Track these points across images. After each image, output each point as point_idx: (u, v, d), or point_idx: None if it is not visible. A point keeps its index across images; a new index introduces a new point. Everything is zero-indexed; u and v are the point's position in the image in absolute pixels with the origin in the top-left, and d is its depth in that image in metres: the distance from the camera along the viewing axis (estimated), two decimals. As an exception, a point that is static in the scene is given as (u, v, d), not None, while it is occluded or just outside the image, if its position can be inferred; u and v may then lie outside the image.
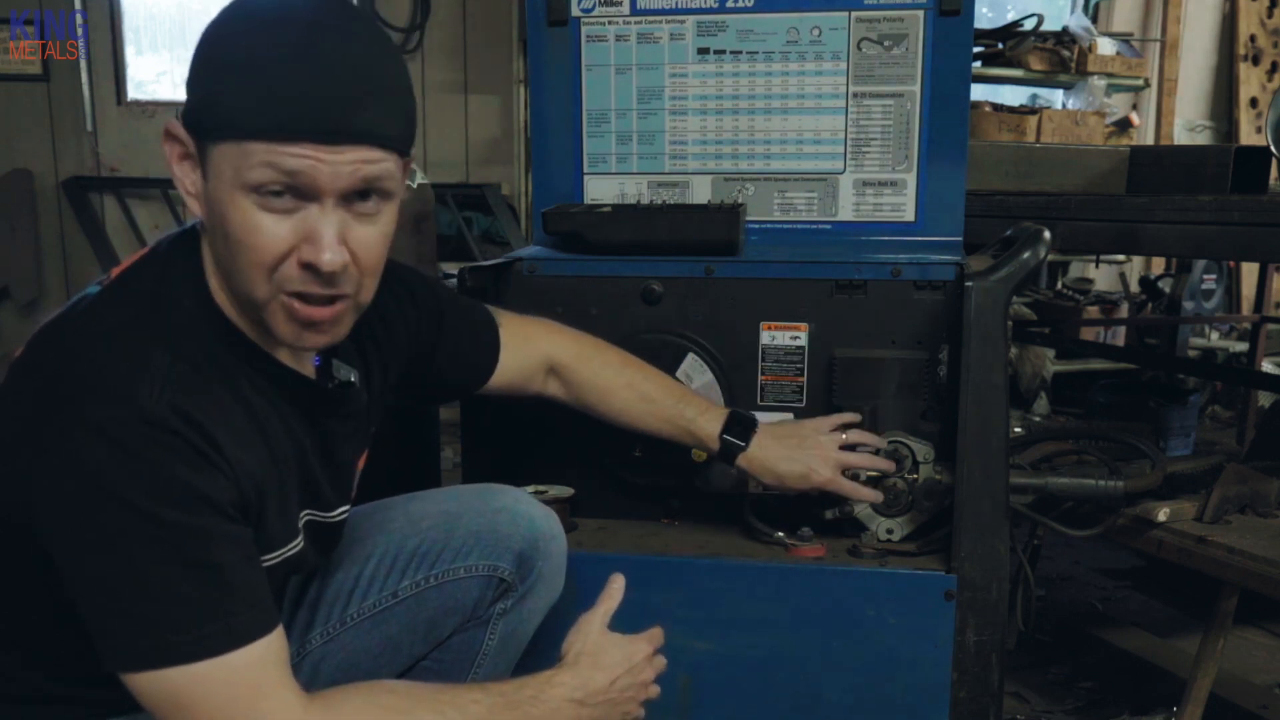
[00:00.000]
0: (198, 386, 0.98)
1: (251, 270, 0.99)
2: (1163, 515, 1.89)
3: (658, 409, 1.50)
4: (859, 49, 1.67)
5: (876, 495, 1.56)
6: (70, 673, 1.07)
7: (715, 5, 1.69)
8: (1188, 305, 4.30)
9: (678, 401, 1.51)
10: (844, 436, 1.54)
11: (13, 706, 1.08)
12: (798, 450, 1.50)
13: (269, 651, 0.99)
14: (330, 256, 0.98)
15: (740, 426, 1.50)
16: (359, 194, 0.99)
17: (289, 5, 0.98)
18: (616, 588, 1.26)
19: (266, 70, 0.94)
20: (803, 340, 1.64)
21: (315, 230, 0.97)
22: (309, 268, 0.98)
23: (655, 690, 1.24)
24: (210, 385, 1.00)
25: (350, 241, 1.00)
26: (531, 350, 1.48)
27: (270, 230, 0.97)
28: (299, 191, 0.96)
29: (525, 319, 1.53)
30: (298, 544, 1.14)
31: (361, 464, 1.28)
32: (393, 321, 1.29)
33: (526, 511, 1.39)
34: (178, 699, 0.96)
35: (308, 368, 1.15)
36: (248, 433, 1.03)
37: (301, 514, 1.15)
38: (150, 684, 0.96)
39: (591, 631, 1.21)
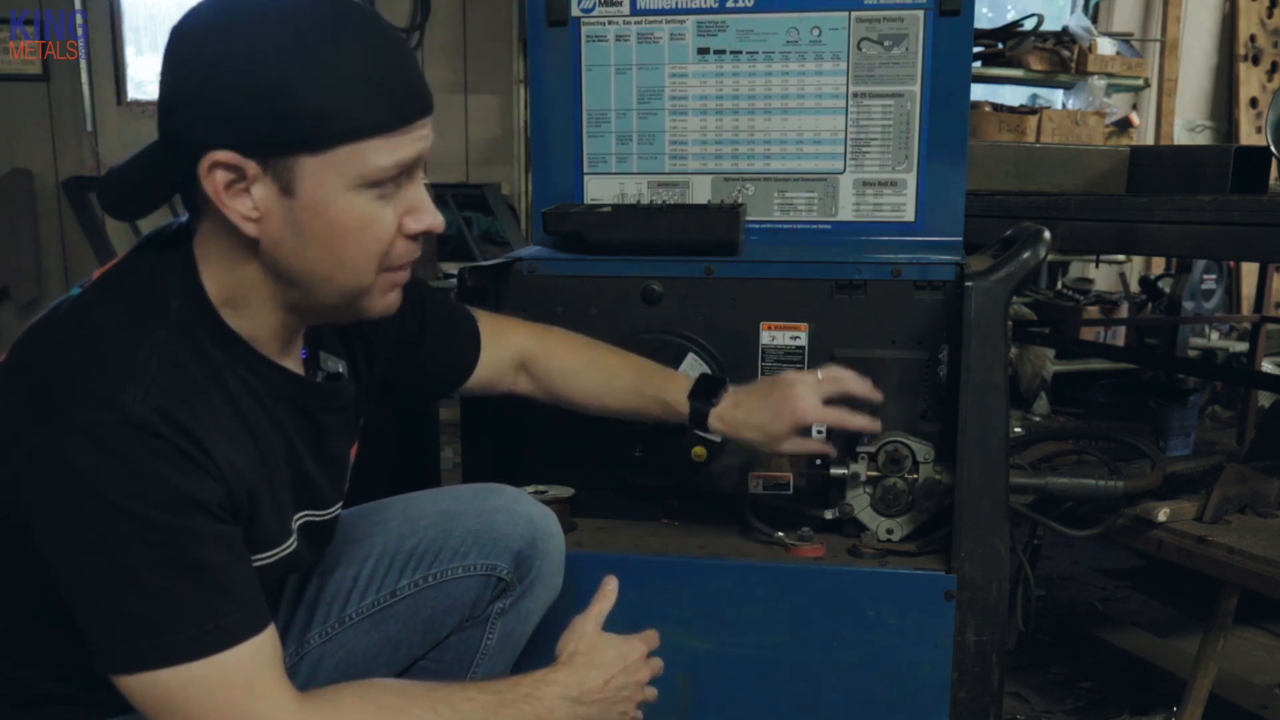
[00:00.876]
0: (184, 388, 0.98)
1: (366, 262, 1.03)
2: (1163, 515, 1.89)
3: (624, 383, 1.48)
4: (859, 49, 1.67)
5: (829, 449, 1.52)
6: (68, 673, 1.06)
7: (715, 5, 1.69)
8: (1188, 305, 4.30)
9: (644, 373, 1.49)
10: (824, 385, 1.45)
11: (11, 707, 1.08)
12: (767, 404, 1.44)
13: (261, 651, 0.99)
14: (439, 219, 1.06)
15: (708, 387, 1.47)
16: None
17: (303, 4, 0.97)
18: (610, 589, 1.26)
19: (366, 70, 0.97)
20: (803, 340, 1.64)
21: (418, 201, 1.04)
22: (415, 237, 1.06)
23: (652, 693, 1.24)
24: (197, 386, 1.00)
25: None
26: (505, 345, 1.48)
27: (384, 217, 1.02)
28: (406, 172, 1.02)
29: (495, 316, 1.52)
30: (291, 543, 1.13)
31: (354, 455, 1.28)
32: None
33: (524, 511, 1.39)
34: (170, 700, 0.96)
35: (296, 363, 1.15)
36: (236, 433, 1.03)
37: (297, 516, 1.15)
38: (142, 685, 0.96)
39: (586, 632, 1.20)
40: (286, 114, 0.95)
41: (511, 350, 1.49)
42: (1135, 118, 4.89)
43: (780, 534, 1.62)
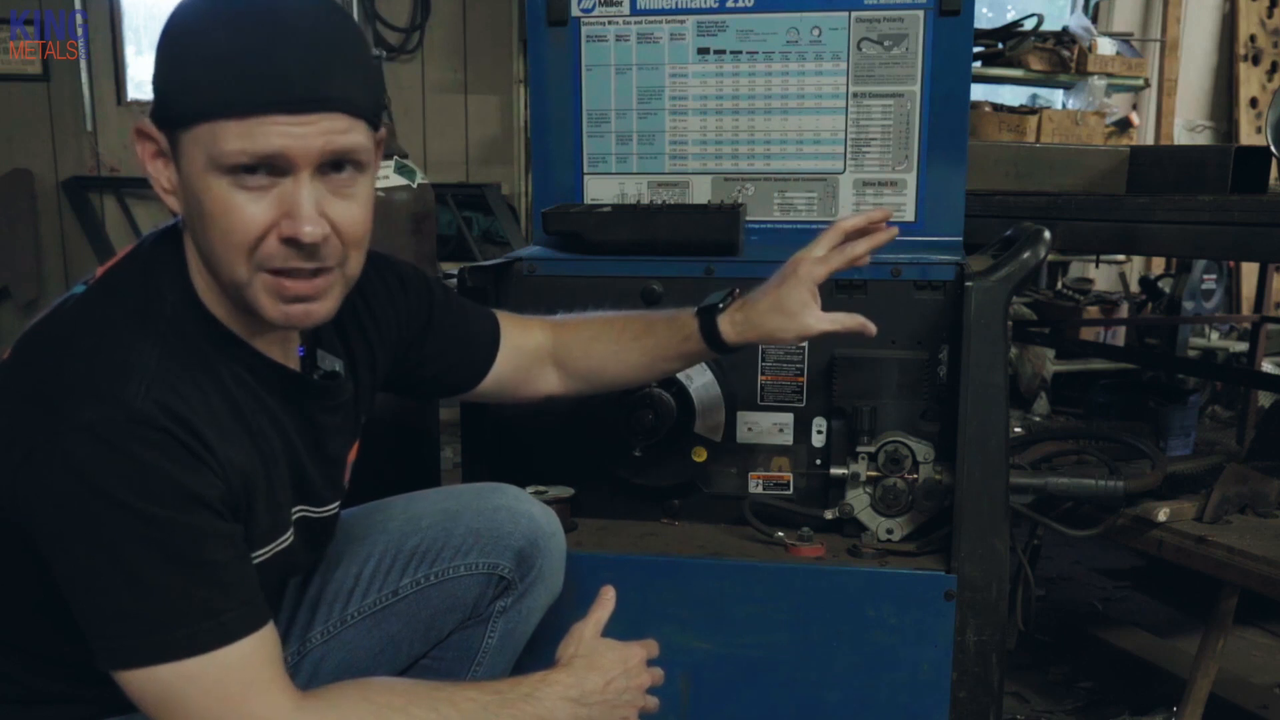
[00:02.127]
0: (184, 383, 0.98)
1: (232, 252, 0.98)
2: (1163, 515, 1.89)
3: (633, 330, 1.41)
4: (859, 49, 1.67)
5: (859, 320, 1.36)
6: (70, 671, 1.07)
7: (715, 5, 1.69)
8: (1188, 305, 4.29)
9: (650, 320, 1.42)
10: (831, 258, 1.34)
11: (13, 707, 1.08)
12: (774, 313, 1.33)
13: (260, 648, 0.99)
14: (310, 228, 0.97)
15: (715, 298, 1.38)
16: (333, 165, 0.99)
17: None
18: (608, 598, 1.26)
19: (227, 50, 0.94)
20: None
21: (293, 203, 0.97)
22: (290, 242, 0.98)
23: (654, 702, 1.23)
24: (196, 382, 1.00)
25: (330, 214, 1.00)
26: (528, 345, 1.44)
27: (247, 209, 0.97)
28: (273, 166, 0.96)
29: (523, 317, 1.49)
30: (287, 538, 1.13)
31: (353, 456, 1.27)
32: (381, 308, 1.28)
33: (526, 510, 1.38)
34: (169, 696, 0.96)
35: (293, 360, 1.15)
36: (234, 429, 1.03)
37: (294, 510, 1.15)
38: (141, 681, 0.96)
39: (585, 637, 1.21)
40: (164, 88, 0.98)
41: (534, 345, 1.45)
42: (1135, 118, 4.89)
43: (780, 534, 1.62)
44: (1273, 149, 2.44)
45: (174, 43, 0.98)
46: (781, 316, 1.33)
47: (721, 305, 1.37)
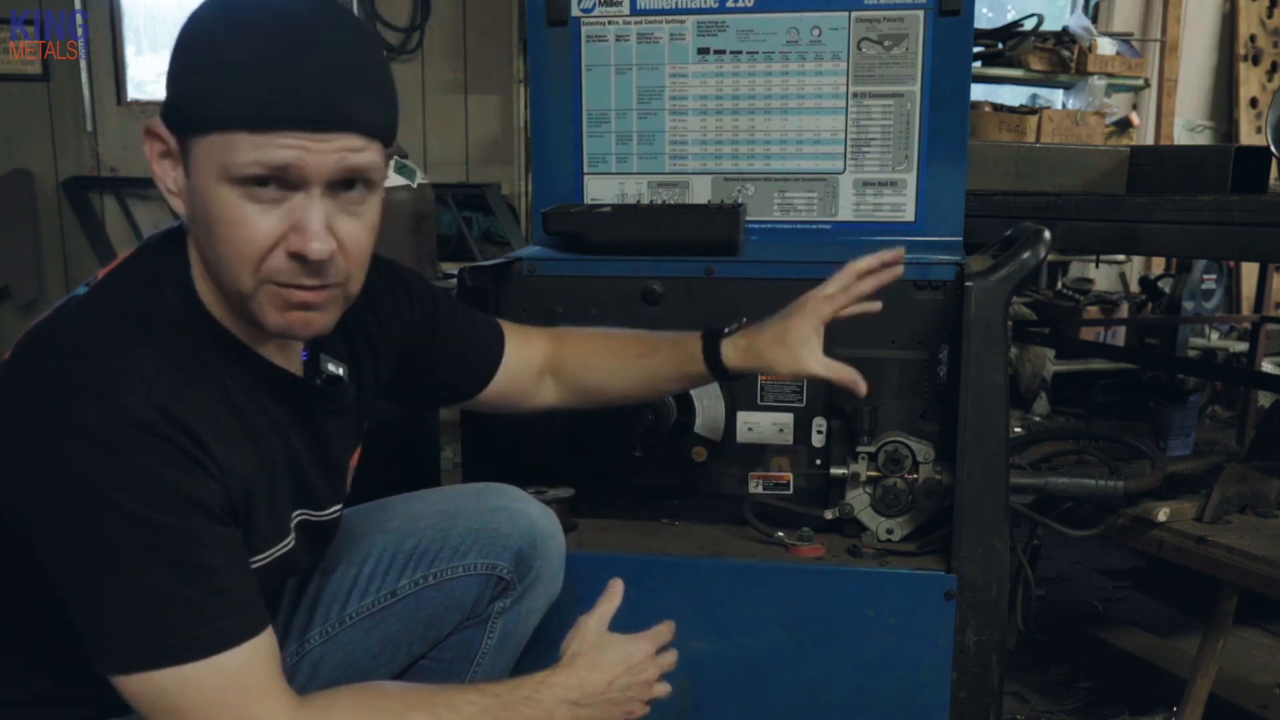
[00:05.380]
0: (185, 388, 0.98)
1: (238, 262, 0.98)
2: (1163, 515, 1.89)
3: (637, 351, 1.43)
4: (859, 49, 1.67)
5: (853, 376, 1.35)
6: (71, 675, 1.06)
7: (715, 5, 1.69)
8: (1188, 305, 4.29)
9: (654, 341, 1.44)
10: (836, 298, 1.35)
11: (13, 709, 1.08)
12: (779, 347, 1.34)
13: (259, 653, 0.99)
14: (319, 245, 0.97)
15: (719, 327, 1.40)
16: (344, 184, 0.99)
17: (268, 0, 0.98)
18: (615, 591, 1.26)
19: (249, 62, 0.94)
20: (803, 340, 1.63)
21: (302, 220, 0.97)
22: (297, 257, 0.98)
23: (664, 689, 1.23)
24: (197, 387, 1.00)
25: (337, 232, 1.00)
26: (530, 355, 1.45)
27: (256, 221, 0.97)
28: (285, 181, 0.96)
29: (524, 326, 1.51)
30: (288, 543, 1.13)
31: (355, 461, 1.27)
32: (386, 315, 1.28)
33: (524, 510, 1.38)
34: (167, 701, 0.96)
35: (295, 365, 1.14)
36: (235, 434, 1.03)
37: (294, 514, 1.14)
38: (140, 686, 0.96)
39: (589, 632, 1.20)
40: (182, 93, 0.98)
41: (536, 357, 1.46)
42: (1135, 118, 4.89)
43: (780, 534, 1.62)
44: (1273, 149, 2.43)
45: (192, 47, 0.97)
46: (782, 349, 1.34)
47: (728, 331, 1.38)
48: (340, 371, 1.21)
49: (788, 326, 1.34)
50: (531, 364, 1.45)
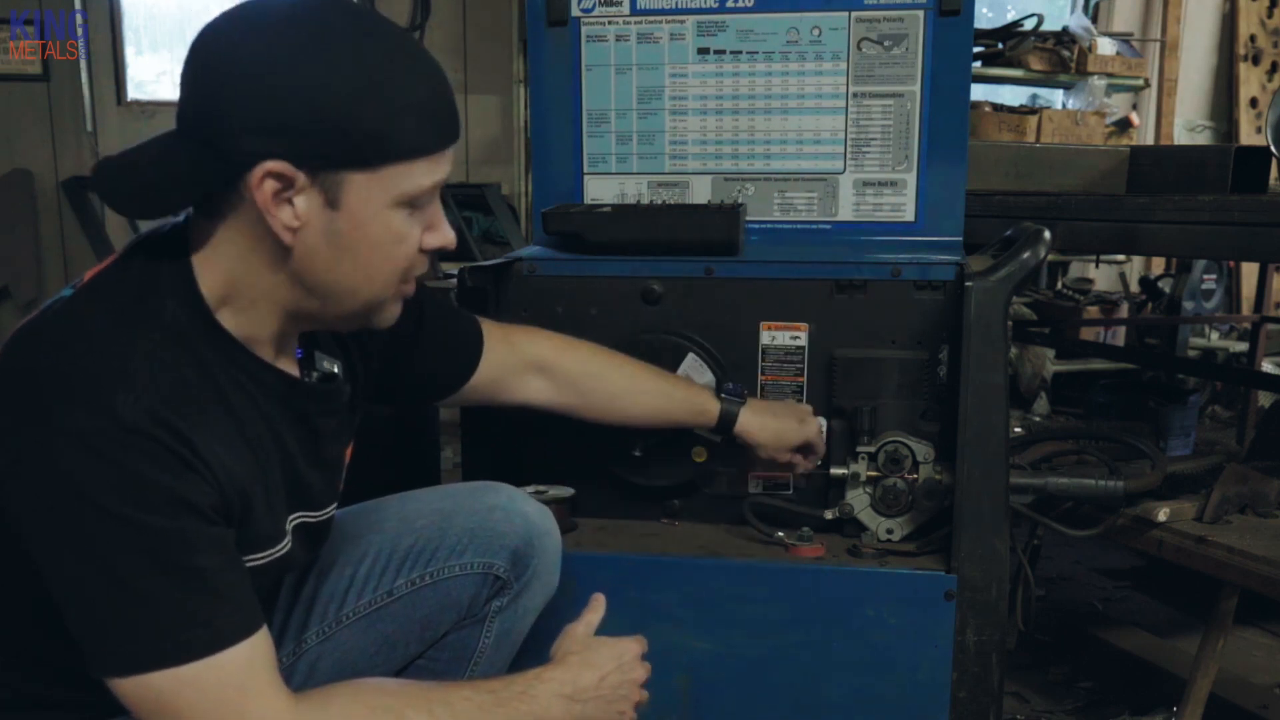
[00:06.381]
0: (177, 392, 0.97)
1: (390, 273, 1.07)
2: (1163, 515, 1.89)
3: (649, 385, 1.53)
4: (859, 49, 1.67)
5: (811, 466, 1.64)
6: (68, 677, 1.06)
7: (715, 5, 1.69)
8: (1188, 305, 4.29)
9: (667, 378, 1.55)
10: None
11: (12, 713, 1.08)
12: (786, 416, 1.58)
13: (254, 653, 0.99)
14: (453, 236, 1.11)
15: (732, 392, 1.57)
16: None
17: (362, 20, 1.01)
18: (599, 603, 1.28)
19: (420, 95, 1.02)
20: (803, 340, 1.64)
21: (438, 219, 1.09)
22: (431, 252, 1.10)
23: (643, 695, 1.24)
24: (190, 390, 0.99)
25: None
26: (514, 349, 1.48)
27: (413, 233, 1.06)
28: (438, 191, 1.08)
29: (508, 325, 1.53)
30: (285, 545, 1.13)
31: (348, 456, 1.27)
32: None
33: (521, 509, 1.38)
34: (163, 702, 0.96)
35: (291, 365, 1.14)
36: (230, 436, 1.02)
37: (291, 517, 1.14)
38: (135, 688, 0.96)
39: (577, 636, 1.22)
40: (346, 131, 0.98)
41: (523, 353, 1.48)
42: (1135, 118, 4.89)
43: (780, 534, 1.62)
44: (1273, 149, 2.43)
45: (321, 83, 0.95)
46: (777, 442, 1.57)
47: (743, 400, 1.55)
48: (335, 368, 1.21)
49: (784, 430, 1.58)
50: (515, 360, 1.48)
